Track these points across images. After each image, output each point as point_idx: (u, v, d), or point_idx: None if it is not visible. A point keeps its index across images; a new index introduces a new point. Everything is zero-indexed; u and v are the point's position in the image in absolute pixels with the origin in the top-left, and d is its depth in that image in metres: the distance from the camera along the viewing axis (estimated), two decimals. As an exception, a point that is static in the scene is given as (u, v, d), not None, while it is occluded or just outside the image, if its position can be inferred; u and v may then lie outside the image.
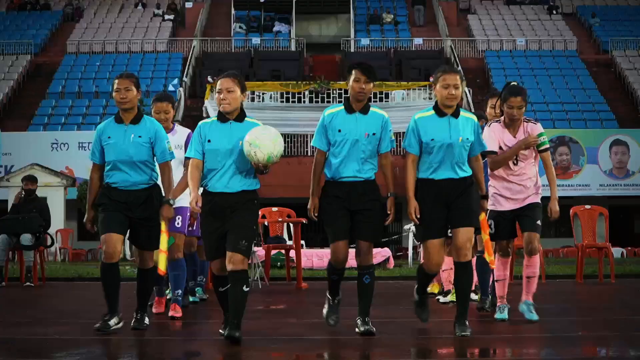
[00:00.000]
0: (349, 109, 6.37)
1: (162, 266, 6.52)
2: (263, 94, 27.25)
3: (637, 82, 30.48)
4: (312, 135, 6.52)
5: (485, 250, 6.69)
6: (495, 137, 7.02)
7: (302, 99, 27.17)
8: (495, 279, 7.30)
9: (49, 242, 13.42)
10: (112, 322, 6.36)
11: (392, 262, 17.48)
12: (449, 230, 6.36)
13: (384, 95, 26.27)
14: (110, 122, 6.68)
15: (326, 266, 6.68)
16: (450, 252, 8.59)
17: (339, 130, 6.30)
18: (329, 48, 34.97)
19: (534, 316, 6.91)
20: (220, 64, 28.84)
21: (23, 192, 13.40)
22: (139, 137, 6.54)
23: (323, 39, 36.30)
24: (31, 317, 7.97)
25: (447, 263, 8.30)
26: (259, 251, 13.11)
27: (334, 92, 27.14)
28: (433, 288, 10.05)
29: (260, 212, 13.11)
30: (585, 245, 12.69)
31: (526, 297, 7.05)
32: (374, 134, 6.30)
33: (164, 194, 6.62)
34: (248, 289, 5.96)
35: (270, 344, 6.08)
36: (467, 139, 6.28)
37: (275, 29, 35.11)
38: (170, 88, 28.53)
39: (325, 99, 26.94)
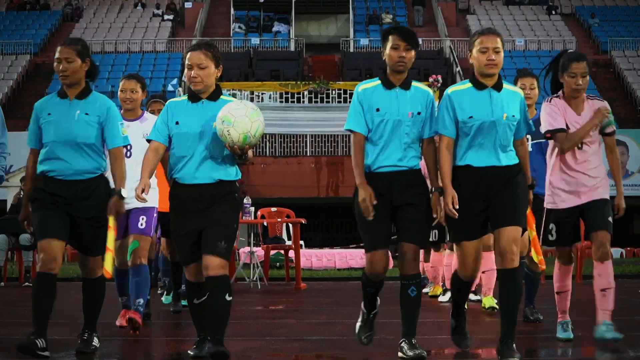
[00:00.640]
0: (387, 84, 5.25)
1: (108, 267, 5.52)
2: (262, 94, 27.23)
3: (636, 83, 30.48)
4: (312, 135, 6.34)
5: (532, 249, 5.84)
6: (559, 112, 5.83)
7: (302, 99, 27.15)
8: (556, 290, 6.11)
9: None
10: (40, 343, 5.21)
11: (391, 263, 17.47)
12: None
13: (383, 96, 26.27)
14: (52, 98, 5.51)
15: (362, 278, 5.52)
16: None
17: (377, 110, 5.19)
18: (328, 48, 34.98)
19: (618, 334, 5.69)
20: (219, 64, 28.86)
21: (22, 192, 13.41)
22: (86, 114, 5.36)
23: (322, 39, 36.31)
24: (29, 317, 7.95)
25: (487, 263, 7.81)
26: (258, 251, 13.12)
27: (333, 92, 27.13)
28: (435, 290, 10.03)
29: (259, 213, 13.14)
30: (585, 245, 12.68)
31: (603, 317, 5.79)
32: (418, 113, 5.22)
33: (113, 186, 5.50)
34: (231, 297, 5.11)
35: (268, 344, 6.07)
36: (513, 116, 5.23)
37: (274, 29, 35.12)
38: (170, 88, 28.52)
39: (325, 99, 26.94)
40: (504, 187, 5.19)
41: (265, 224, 13.37)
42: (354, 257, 17.22)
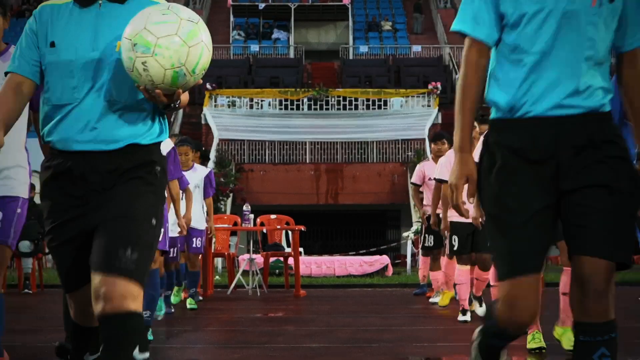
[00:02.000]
0: None
1: None
2: (262, 101, 27.25)
3: (635, 90, 30.53)
4: (311, 142, 6.02)
5: None
6: None
7: (301, 106, 27.17)
8: None
9: (47, 249, 13.43)
10: None
11: (390, 270, 17.48)
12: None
13: (382, 103, 26.28)
14: None
15: (485, 327, 3.03)
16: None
17: None
18: (327, 55, 35.03)
19: None
20: (218, 71, 28.88)
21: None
22: None
23: (322, 46, 36.37)
24: (29, 324, 7.97)
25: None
26: (258, 258, 13.13)
27: (333, 99, 27.15)
28: (444, 299, 9.08)
29: (258, 220, 13.13)
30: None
31: None
32: None
33: None
34: (146, 355, 2.84)
35: (268, 352, 6.07)
36: None
37: (274, 36, 35.17)
38: (169, 95, 28.52)
39: (324, 106, 26.96)
40: None
41: (264, 231, 13.38)
42: (353, 265, 17.23)
